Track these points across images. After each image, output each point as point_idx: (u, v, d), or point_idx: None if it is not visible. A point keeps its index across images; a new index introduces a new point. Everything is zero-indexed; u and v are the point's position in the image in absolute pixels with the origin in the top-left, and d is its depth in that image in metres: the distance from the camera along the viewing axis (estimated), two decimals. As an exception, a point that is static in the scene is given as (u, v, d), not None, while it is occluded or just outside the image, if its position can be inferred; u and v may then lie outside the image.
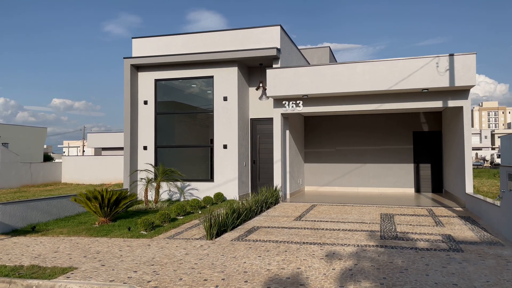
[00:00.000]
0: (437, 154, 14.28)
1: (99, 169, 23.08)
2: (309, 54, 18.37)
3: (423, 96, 10.73)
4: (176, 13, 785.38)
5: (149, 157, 13.02)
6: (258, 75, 13.17)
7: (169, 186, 12.17)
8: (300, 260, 5.64)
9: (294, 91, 11.37)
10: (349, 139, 15.20)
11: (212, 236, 7.06)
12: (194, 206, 10.05)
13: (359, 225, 8.14)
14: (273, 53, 11.75)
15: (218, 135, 12.50)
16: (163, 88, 13.26)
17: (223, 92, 12.48)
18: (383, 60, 10.68)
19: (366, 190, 14.84)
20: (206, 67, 12.65)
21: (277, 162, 11.97)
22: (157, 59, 12.67)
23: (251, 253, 6.03)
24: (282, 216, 9.32)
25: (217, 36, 12.64)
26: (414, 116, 14.58)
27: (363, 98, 11.27)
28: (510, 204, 6.52)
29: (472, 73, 9.82)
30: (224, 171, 12.38)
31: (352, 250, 6.11)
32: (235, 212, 8.07)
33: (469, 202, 9.91)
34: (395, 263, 5.41)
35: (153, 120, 13.07)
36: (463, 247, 6.17)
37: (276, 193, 11.25)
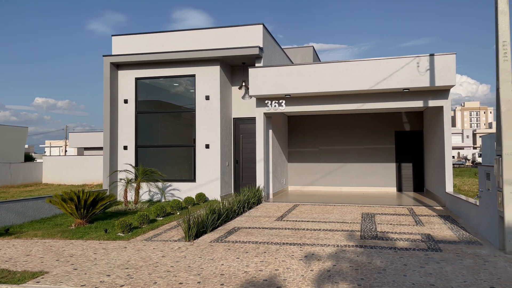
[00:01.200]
0: (418, 154, 14.40)
1: (81, 169, 22.66)
2: (293, 53, 18.34)
3: (404, 95, 10.78)
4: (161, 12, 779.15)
5: (129, 157, 12.79)
6: (241, 74, 13.06)
7: (149, 187, 11.98)
8: (279, 261, 5.56)
9: (277, 91, 11.30)
10: (332, 138, 15.21)
11: (190, 238, 6.92)
12: (174, 207, 9.89)
13: (340, 225, 8.11)
14: (256, 52, 11.65)
15: (200, 134, 12.35)
16: (144, 86, 13.05)
17: (205, 91, 12.34)
18: (365, 60, 10.68)
19: (349, 189, 14.87)
20: (188, 66, 12.49)
21: (260, 162, 11.89)
22: (137, 57, 12.45)
23: (229, 255, 5.92)
24: (263, 217, 9.24)
25: (199, 34, 12.48)
26: (396, 116, 14.67)
27: (345, 98, 11.26)
28: (488, 204, 6.56)
29: (452, 73, 9.89)
30: (206, 171, 12.24)
31: (332, 251, 6.06)
32: (215, 212, 7.95)
33: (449, 201, 9.98)
34: (374, 263, 5.37)
35: (134, 119, 12.85)
36: (442, 247, 6.18)
37: (259, 193, 11.17)
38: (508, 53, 5.80)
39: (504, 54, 5.81)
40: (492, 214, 6.29)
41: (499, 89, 5.85)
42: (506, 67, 5.80)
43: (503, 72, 5.81)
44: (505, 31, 5.83)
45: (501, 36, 5.85)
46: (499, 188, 5.91)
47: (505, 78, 5.80)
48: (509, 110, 5.76)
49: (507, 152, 5.69)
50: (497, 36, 5.91)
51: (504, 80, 5.80)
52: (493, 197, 6.22)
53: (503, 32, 5.83)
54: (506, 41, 5.81)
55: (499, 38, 5.87)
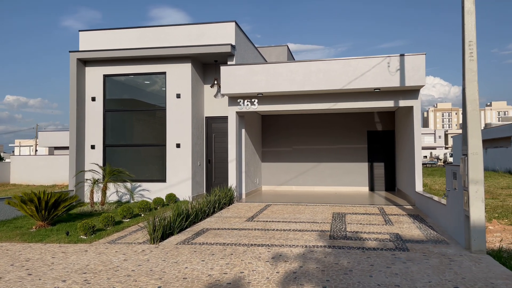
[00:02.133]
0: (390, 153, 14.54)
1: (51, 169, 21.94)
2: (267, 52, 18.24)
3: (375, 95, 10.82)
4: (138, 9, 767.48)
5: (97, 156, 12.38)
6: (213, 72, 12.85)
7: (117, 187, 11.61)
8: (245, 263, 5.40)
9: (249, 89, 11.15)
10: (306, 138, 15.19)
11: (155, 240, 6.69)
12: (142, 208, 9.59)
13: (310, 225, 8.03)
14: (228, 49, 11.47)
15: (171, 133, 12.07)
16: (113, 84, 12.65)
17: (176, 89, 12.07)
18: (337, 59, 10.67)
19: (322, 189, 14.88)
20: (158, 63, 12.18)
21: (232, 162, 11.71)
22: (105, 53, 12.06)
23: (194, 257, 5.73)
24: (234, 217, 9.07)
25: (170, 30, 12.19)
26: (368, 116, 14.77)
27: (318, 97, 11.22)
28: (455, 203, 6.59)
29: (422, 73, 9.99)
30: (177, 171, 11.97)
31: (300, 252, 5.95)
32: (182, 214, 7.73)
33: (418, 200, 10.07)
34: (341, 264, 5.29)
35: (102, 118, 12.44)
36: (409, 246, 6.17)
37: (230, 193, 10.99)
38: (474, 53, 5.83)
39: (470, 54, 5.84)
40: (459, 213, 6.33)
41: (465, 89, 5.87)
42: (472, 67, 5.83)
43: (469, 72, 5.84)
44: (471, 31, 5.86)
45: (467, 36, 5.87)
46: (465, 188, 5.94)
47: (471, 78, 5.83)
48: (474, 110, 5.79)
49: (473, 151, 5.71)
50: (464, 36, 5.93)
51: (470, 80, 5.83)
52: (460, 196, 6.25)
53: (469, 32, 5.86)
54: (472, 41, 5.84)
55: (465, 38, 5.90)
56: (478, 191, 5.70)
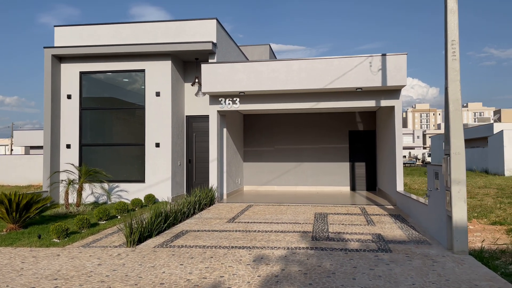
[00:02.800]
0: (371, 153, 14.58)
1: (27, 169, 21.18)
2: (249, 51, 18.08)
3: (357, 95, 10.79)
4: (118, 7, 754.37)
5: (73, 156, 11.97)
6: (194, 71, 12.60)
7: (92, 188, 11.23)
8: (225, 267, 5.22)
9: (231, 88, 10.96)
10: (288, 137, 15.10)
11: (132, 243, 6.43)
12: (120, 209, 9.29)
13: (292, 225, 7.90)
14: (209, 47, 11.25)
15: (150, 133, 11.77)
16: (90, 81, 12.26)
17: (156, 87, 11.77)
18: (319, 58, 10.58)
19: (303, 189, 14.81)
20: (137, 60, 11.86)
21: (213, 161, 11.50)
22: (81, 50, 11.67)
23: (173, 261, 5.52)
24: (215, 218, 8.87)
25: (149, 27, 11.89)
26: (350, 115, 14.78)
27: (300, 97, 11.12)
28: (436, 203, 6.57)
29: (403, 73, 9.99)
30: (156, 171, 11.68)
31: (282, 254, 5.81)
32: (161, 215, 7.49)
33: (399, 200, 10.08)
34: (324, 266, 5.16)
35: (78, 116, 12.04)
36: (392, 247, 6.10)
37: (211, 194, 10.78)
38: (456, 52, 5.80)
39: (452, 53, 5.80)
40: (440, 213, 6.30)
41: (448, 88, 5.83)
42: (454, 66, 5.80)
43: (451, 71, 5.80)
44: (453, 30, 5.83)
45: (450, 35, 5.84)
46: (447, 188, 5.90)
47: (453, 77, 5.80)
48: (457, 110, 5.75)
49: (455, 151, 5.68)
50: (446, 35, 5.89)
51: (453, 79, 5.80)
52: (441, 196, 6.22)
53: (452, 31, 5.83)
54: (454, 40, 5.81)
55: (448, 37, 5.86)
56: (461, 191, 5.66)
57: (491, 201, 11.67)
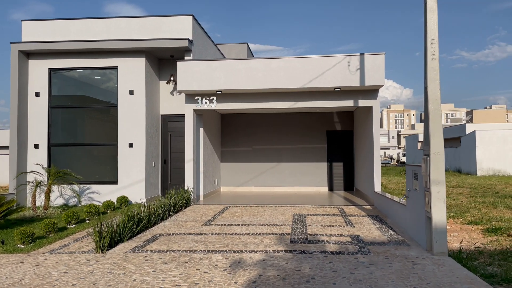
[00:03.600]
0: (349, 153, 14.57)
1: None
2: (227, 50, 17.82)
3: (335, 95, 10.71)
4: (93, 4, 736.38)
5: (41, 156, 11.43)
6: (170, 68, 12.26)
7: (61, 190, 10.71)
8: (201, 273, 4.98)
9: (207, 86, 10.69)
10: (266, 137, 14.93)
11: (102, 249, 6.10)
12: (90, 212, 8.88)
13: (270, 227, 7.71)
14: (184, 44, 10.94)
15: (123, 132, 11.36)
16: (60, 79, 11.73)
17: (129, 85, 11.36)
18: (298, 57, 10.45)
19: (282, 189, 14.68)
20: (110, 57, 11.42)
21: (189, 162, 11.20)
22: (51, 45, 11.15)
23: (145, 268, 5.23)
24: (190, 221, 8.60)
25: (123, 23, 11.48)
26: (327, 115, 14.73)
27: (278, 96, 10.96)
28: (415, 203, 6.51)
29: (381, 73, 9.97)
30: (129, 172, 11.28)
31: (259, 258, 5.61)
32: (133, 218, 7.16)
33: (377, 200, 10.05)
34: (303, 270, 4.99)
35: (47, 115, 11.50)
36: (371, 249, 5.99)
37: (187, 195, 10.48)
38: (436, 52, 5.74)
39: (432, 53, 5.74)
40: (419, 214, 6.24)
41: (427, 88, 5.77)
42: (434, 65, 5.73)
43: (431, 71, 5.74)
44: (433, 29, 5.76)
45: (430, 34, 5.77)
46: (426, 188, 5.84)
47: (433, 77, 5.73)
48: (436, 109, 5.69)
49: (435, 151, 5.61)
50: (426, 34, 5.83)
51: (432, 78, 5.73)
52: (420, 197, 6.16)
53: (431, 30, 5.76)
54: (434, 39, 5.74)
55: (427, 36, 5.79)
56: (440, 192, 5.60)
57: (465, 200, 11.82)
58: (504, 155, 24.23)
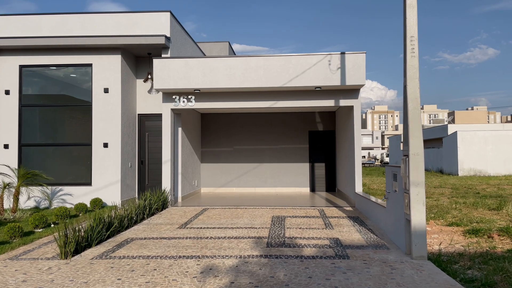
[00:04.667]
0: (331, 154, 14.42)
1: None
2: (208, 48, 17.51)
3: (316, 94, 10.52)
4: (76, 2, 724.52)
5: (11, 157, 10.94)
6: (147, 66, 11.91)
7: (29, 192, 10.24)
8: (169, 281, 4.69)
9: (185, 85, 10.38)
10: (247, 137, 14.67)
11: (67, 255, 5.75)
12: (60, 215, 8.48)
13: (247, 230, 7.46)
14: (161, 41, 10.61)
15: (98, 132, 10.96)
16: (31, 76, 11.26)
17: (104, 83, 10.97)
18: (277, 56, 10.22)
19: (263, 190, 14.44)
20: (84, 54, 11.01)
21: (167, 163, 10.86)
22: (21, 41, 10.68)
23: (110, 275, 4.91)
24: (165, 224, 8.27)
25: (98, 18, 11.08)
26: (309, 116, 14.56)
27: (258, 95, 10.72)
28: (394, 205, 6.34)
29: (362, 72, 9.81)
30: (104, 173, 10.88)
31: (233, 263, 5.34)
32: (103, 222, 6.82)
33: (358, 202, 9.89)
34: (277, 277, 4.75)
35: (17, 114, 11.02)
36: (349, 253, 5.79)
37: (164, 197, 10.15)
38: (415, 49, 5.57)
39: (411, 50, 5.56)
40: (399, 216, 6.06)
41: (407, 86, 5.59)
42: (413, 63, 5.56)
43: (410, 69, 5.56)
44: (412, 25, 5.59)
45: (409, 31, 5.60)
46: (405, 190, 5.66)
47: (412, 75, 5.56)
48: (416, 108, 5.52)
49: (414, 152, 5.44)
50: (405, 31, 5.65)
51: (412, 77, 5.56)
52: (400, 198, 5.98)
53: (411, 26, 5.59)
54: (413, 36, 5.57)
55: (407, 33, 5.62)
56: (419, 194, 5.43)
57: (446, 201, 11.77)
58: (485, 155, 24.49)
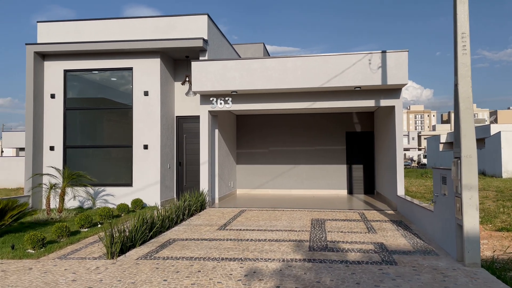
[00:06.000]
0: (369, 155, 14.09)
1: (16, 171, 20.42)
2: (243, 50, 17.56)
3: (355, 94, 10.30)
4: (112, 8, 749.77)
5: (56, 159, 11.36)
6: (185, 69, 12.05)
7: (74, 192, 10.57)
8: (214, 283, 4.68)
9: (222, 87, 10.42)
10: (282, 139, 14.58)
11: (113, 255, 5.87)
12: (104, 215, 8.70)
13: (287, 233, 7.37)
14: (199, 44, 10.71)
15: (138, 134, 11.19)
16: (75, 80, 11.66)
17: (144, 86, 11.20)
18: (315, 56, 10.09)
19: (299, 192, 14.29)
20: (124, 58, 11.28)
21: (204, 164, 10.95)
22: (66, 47, 11.07)
23: (155, 276, 4.96)
24: (205, 225, 8.32)
25: (137, 23, 11.32)
26: (347, 116, 14.29)
27: (295, 96, 10.61)
28: (444, 210, 6.07)
29: (404, 71, 9.51)
30: (144, 174, 11.10)
31: (276, 267, 5.28)
32: (146, 222, 6.92)
33: (400, 205, 9.59)
34: (323, 282, 4.64)
35: (62, 117, 11.43)
36: (397, 258, 5.59)
37: (202, 198, 10.23)
38: (467, 46, 5.31)
39: (463, 47, 5.31)
40: (448, 221, 5.80)
41: (458, 85, 5.34)
42: (465, 61, 5.31)
43: (462, 67, 5.31)
44: (464, 21, 5.34)
45: (460, 27, 5.35)
46: (457, 194, 5.40)
47: (464, 73, 5.30)
48: (468, 108, 5.26)
49: (467, 154, 5.18)
50: (456, 27, 5.40)
51: (463, 75, 5.30)
52: (450, 202, 5.73)
53: (462, 22, 5.34)
54: (465, 32, 5.32)
55: (457, 30, 5.37)
56: (472, 198, 5.17)
57: (492, 204, 11.22)
58: (532, 157, 23.22)
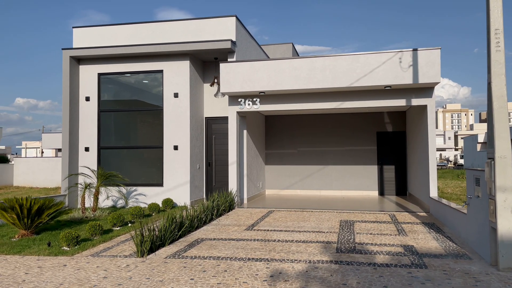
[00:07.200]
0: (401, 156, 13.77)
1: (55, 171, 21.38)
2: (271, 50, 17.57)
3: (386, 94, 10.09)
4: (145, 11, 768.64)
5: (91, 159, 11.78)
6: (213, 70, 12.20)
7: (107, 192, 10.92)
8: (240, 283, 4.72)
9: (250, 88, 10.48)
10: (311, 139, 14.48)
11: (143, 253, 6.03)
12: (135, 214, 8.95)
13: (315, 235, 7.32)
14: (228, 45, 10.81)
15: (168, 135, 11.43)
16: (108, 83, 12.05)
17: (174, 88, 11.42)
18: (344, 55, 9.96)
19: (328, 193, 14.15)
20: (155, 60, 11.55)
21: (233, 164, 11.05)
22: (99, 51, 11.46)
23: (183, 275, 5.06)
24: (233, 225, 8.40)
25: (167, 26, 11.56)
26: (377, 116, 14.02)
27: (324, 96, 10.52)
28: (477, 212, 5.86)
29: (437, 69, 9.23)
30: (174, 174, 11.32)
31: (302, 268, 5.26)
32: (175, 222, 7.06)
33: (433, 207, 9.31)
34: (350, 285, 4.58)
35: (96, 118, 11.84)
36: (427, 262, 5.44)
37: (230, 198, 10.31)
38: (501, 43, 5.10)
39: (496, 44, 5.11)
40: (482, 224, 5.59)
41: (491, 83, 5.14)
42: (499, 58, 5.10)
43: (495, 64, 5.11)
44: (497, 17, 5.13)
45: (493, 23, 5.15)
46: (491, 196, 5.20)
47: (498, 71, 5.10)
48: (502, 107, 5.05)
49: (501, 154, 4.98)
50: (489, 23, 5.20)
51: (497, 73, 5.10)
52: (484, 205, 5.52)
53: (495, 18, 5.13)
54: (498, 29, 5.11)
55: (490, 26, 5.17)
56: (507, 200, 4.96)
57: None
58: None
